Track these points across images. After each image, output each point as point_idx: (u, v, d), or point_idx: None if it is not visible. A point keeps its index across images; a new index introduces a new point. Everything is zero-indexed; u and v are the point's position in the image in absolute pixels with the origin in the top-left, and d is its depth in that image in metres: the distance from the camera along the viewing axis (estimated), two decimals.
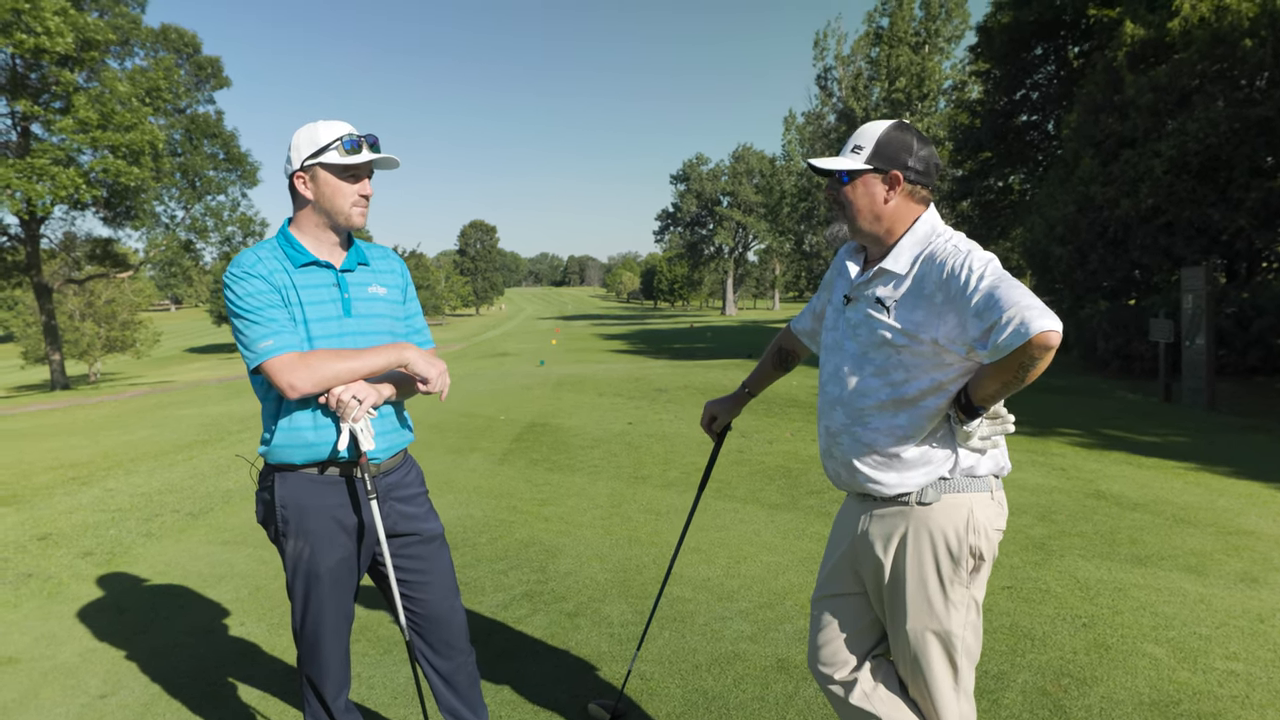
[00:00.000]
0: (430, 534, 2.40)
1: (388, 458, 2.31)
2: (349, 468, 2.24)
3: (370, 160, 2.20)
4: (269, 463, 2.25)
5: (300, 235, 2.26)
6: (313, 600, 2.27)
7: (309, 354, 2.12)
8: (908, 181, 1.97)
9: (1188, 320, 11.40)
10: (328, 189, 2.20)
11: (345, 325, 2.23)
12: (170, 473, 8.07)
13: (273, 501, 2.22)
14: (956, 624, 1.97)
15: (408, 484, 2.38)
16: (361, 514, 2.27)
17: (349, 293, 2.26)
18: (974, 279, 1.77)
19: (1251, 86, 13.70)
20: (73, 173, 26.21)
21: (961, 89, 35.92)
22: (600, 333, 44.30)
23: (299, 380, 2.07)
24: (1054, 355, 1.68)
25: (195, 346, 75.44)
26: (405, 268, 2.49)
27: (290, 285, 2.18)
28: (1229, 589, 4.09)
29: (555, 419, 10.28)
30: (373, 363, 2.16)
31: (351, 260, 2.29)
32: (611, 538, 5.22)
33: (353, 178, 2.21)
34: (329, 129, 2.18)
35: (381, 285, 2.34)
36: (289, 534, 2.23)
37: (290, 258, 2.21)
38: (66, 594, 4.59)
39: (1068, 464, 7.17)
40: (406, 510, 2.35)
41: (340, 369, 2.12)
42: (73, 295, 41.28)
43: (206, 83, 36.76)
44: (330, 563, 2.25)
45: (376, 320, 2.30)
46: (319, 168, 2.19)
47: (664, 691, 3.18)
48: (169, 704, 3.24)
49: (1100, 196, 14.97)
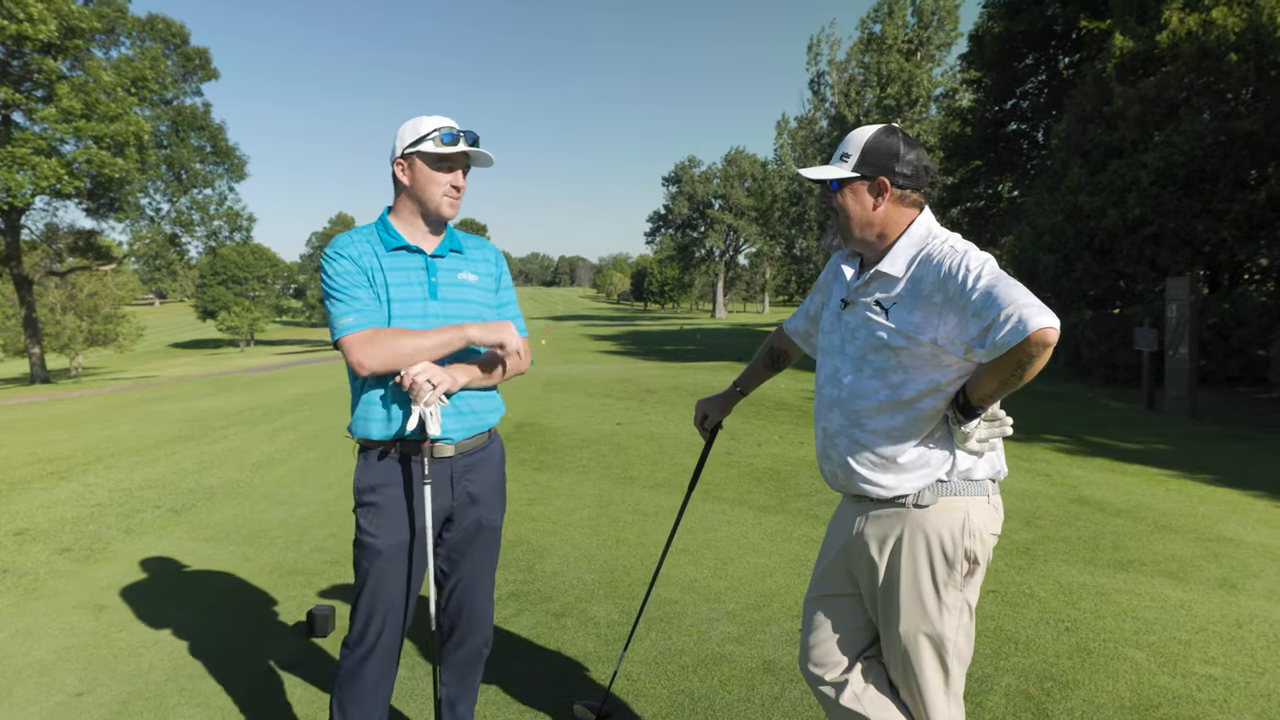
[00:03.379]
0: (489, 524, 2.44)
1: (463, 439, 2.34)
2: (431, 446, 2.28)
3: (465, 152, 2.28)
4: (355, 437, 2.32)
5: (396, 221, 2.35)
6: (372, 578, 2.28)
7: (378, 332, 2.19)
8: (895, 187, 1.97)
9: (1172, 329, 11.52)
10: (422, 177, 2.28)
11: (429, 308, 2.29)
12: (152, 468, 7.99)
13: (357, 475, 2.30)
14: (949, 627, 1.97)
15: (486, 467, 2.42)
16: (437, 494, 2.30)
17: (436, 277, 2.32)
18: (972, 278, 1.78)
19: (1237, 100, 13.88)
20: (55, 163, 25.94)
21: (952, 96, 36.18)
22: (590, 333, 44.26)
23: (366, 358, 2.16)
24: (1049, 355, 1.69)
25: (180, 341, 74.89)
26: (500, 257, 2.53)
27: (378, 268, 2.26)
28: (1208, 595, 4.13)
29: (544, 419, 10.26)
30: (437, 340, 2.21)
31: (444, 247, 2.37)
32: (599, 538, 5.21)
33: (447, 168, 2.28)
34: (431, 121, 2.26)
35: (473, 273, 2.40)
36: (364, 505, 2.28)
37: (384, 241, 2.30)
38: (43, 590, 4.52)
39: (1052, 470, 7.23)
40: (476, 493, 2.38)
41: (405, 348, 2.18)
42: (54, 288, 40.88)
43: (194, 74, 36.46)
44: (390, 540, 2.27)
45: (464, 305, 2.35)
46: (416, 156, 2.26)
47: (650, 692, 3.18)
48: (146, 702, 3.20)
49: (1088, 206, 15.11)
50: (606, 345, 33.45)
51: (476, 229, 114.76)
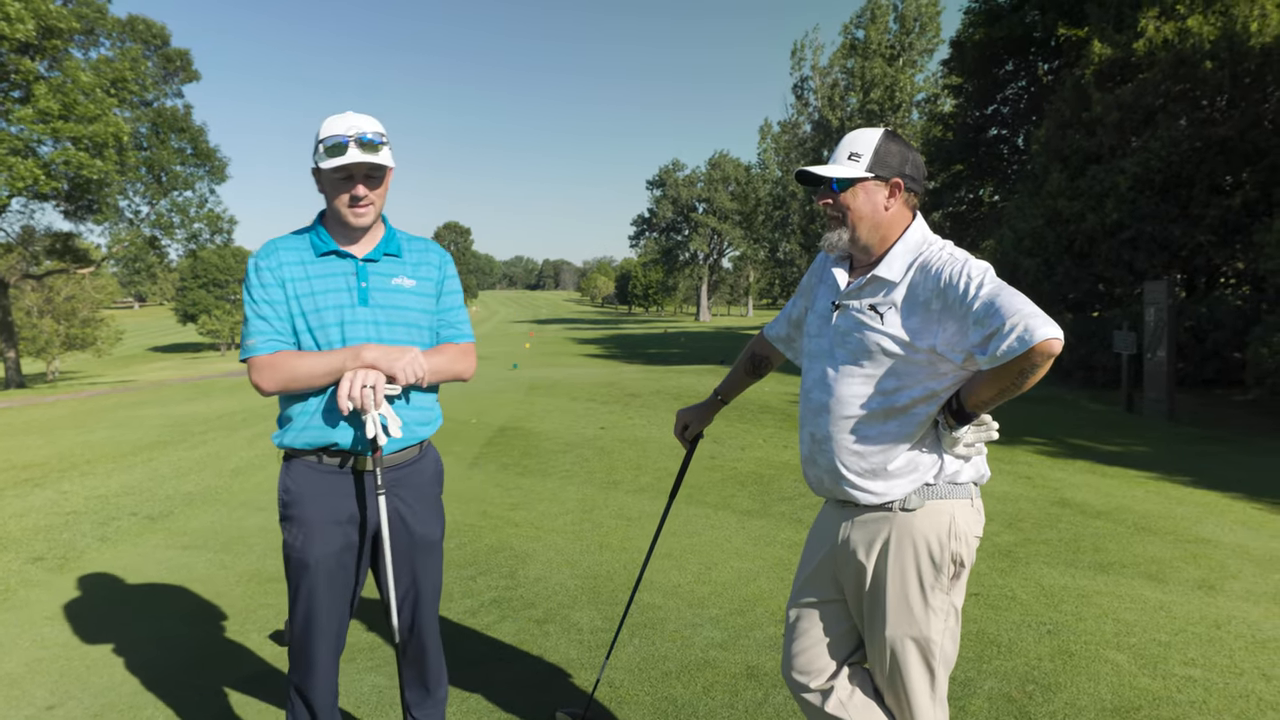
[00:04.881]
0: (423, 538, 2.35)
1: (394, 451, 2.27)
2: (347, 458, 2.22)
3: (358, 162, 2.12)
4: (278, 446, 2.26)
5: (329, 224, 2.27)
6: (303, 591, 2.23)
7: (275, 355, 2.14)
8: (905, 189, 1.98)
9: (1150, 333, 11.65)
10: (327, 188, 2.20)
11: (357, 314, 2.21)
12: (129, 474, 7.88)
13: (280, 487, 2.25)
14: (936, 630, 1.97)
15: (417, 482, 2.34)
16: (362, 508, 2.24)
17: (367, 282, 2.24)
18: (973, 287, 1.78)
19: (1212, 107, 14.08)
20: (31, 164, 25.57)
21: (934, 102, 36.48)
22: (574, 337, 44.21)
23: (263, 380, 2.14)
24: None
25: (159, 345, 74.06)
26: (447, 259, 2.42)
27: (303, 276, 2.19)
28: (1187, 596, 4.16)
29: (527, 423, 10.21)
30: (330, 363, 2.14)
31: (378, 251, 2.27)
32: (582, 543, 5.18)
33: (344, 178, 2.15)
34: (329, 125, 2.13)
35: (410, 277, 2.30)
36: (287, 519, 2.23)
37: (314, 246, 2.24)
38: (14, 600, 4.43)
39: (1034, 472, 7.27)
40: (406, 510, 2.31)
41: (300, 371, 2.13)
42: (31, 291, 40.29)
43: (175, 76, 36.06)
44: (321, 554, 2.21)
45: (397, 311, 2.26)
46: (318, 166, 2.17)
47: (633, 699, 3.16)
48: (119, 715, 3.13)
49: (1067, 210, 15.27)
50: (590, 349, 33.42)
51: (460, 232, 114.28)
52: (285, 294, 2.18)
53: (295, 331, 2.19)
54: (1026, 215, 16.84)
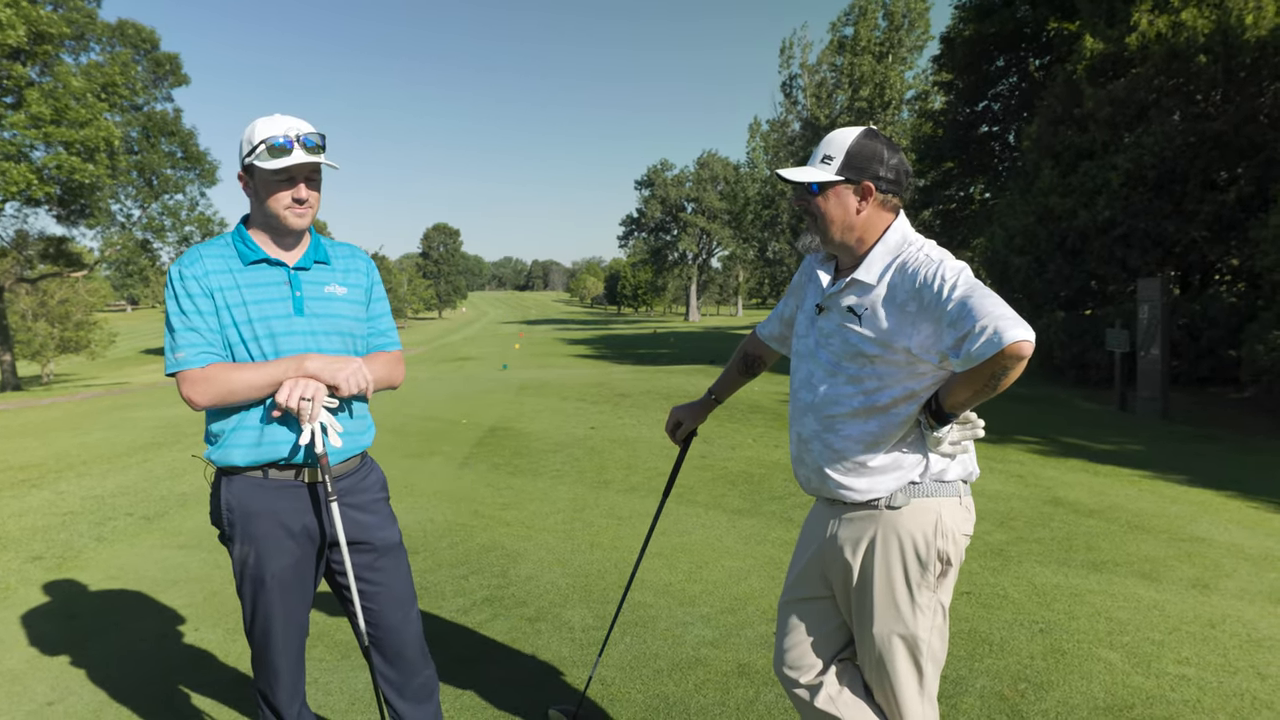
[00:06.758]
0: (384, 543, 2.31)
1: (338, 462, 2.22)
2: (298, 471, 2.18)
3: (302, 163, 2.07)
4: (214, 464, 2.19)
5: (254, 232, 2.19)
6: (260, 606, 2.21)
7: (208, 368, 2.06)
8: (879, 191, 1.94)
9: (1143, 330, 11.65)
10: (263, 190, 2.10)
11: (294, 324, 2.15)
12: (124, 475, 7.86)
13: (220, 504, 2.17)
14: (923, 628, 1.97)
15: (363, 489, 2.30)
16: (314, 519, 2.20)
17: (301, 291, 2.18)
18: (947, 288, 1.77)
19: (1206, 102, 14.05)
20: (24, 169, 25.46)
21: (924, 99, 36.53)
22: (563, 337, 44.15)
23: (196, 394, 2.05)
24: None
25: (152, 348, 73.71)
26: (372, 266, 2.38)
27: (233, 285, 2.10)
28: (1181, 595, 4.16)
29: (518, 423, 10.20)
30: (271, 374, 2.08)
31: (308, 258, 2.21)
32: (573, 543, 5.17)
33: (286, 179, 2.09)
34: (266, 126, 2.06)
35: (341, 285, 2.25)
36: (234, 538, 2.17)
37: (241, 255, 2.14)
38: (14, 599, 4.45)
39: (1026, 471, 7.28)
40: (359, 517, 2.27)
41: (237, 384, 2.05)
42: (25, 294, 40.11)
43: (165, 80, 35.91)
44: (275, 568, 2.18)
45: (332, 320, 2.21)
46: (255, 167, 2.08)
47: (625, 697, 3.15)
48: (118, 712, 3.15)
49: (1059, 207, 15.25)
50: (580, 349, 33.39)
51: (449, 233, 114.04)
52: (215, 304, 2.08)
53: (228, 343, 2.11)
54: (1018, 212, 16.84)
